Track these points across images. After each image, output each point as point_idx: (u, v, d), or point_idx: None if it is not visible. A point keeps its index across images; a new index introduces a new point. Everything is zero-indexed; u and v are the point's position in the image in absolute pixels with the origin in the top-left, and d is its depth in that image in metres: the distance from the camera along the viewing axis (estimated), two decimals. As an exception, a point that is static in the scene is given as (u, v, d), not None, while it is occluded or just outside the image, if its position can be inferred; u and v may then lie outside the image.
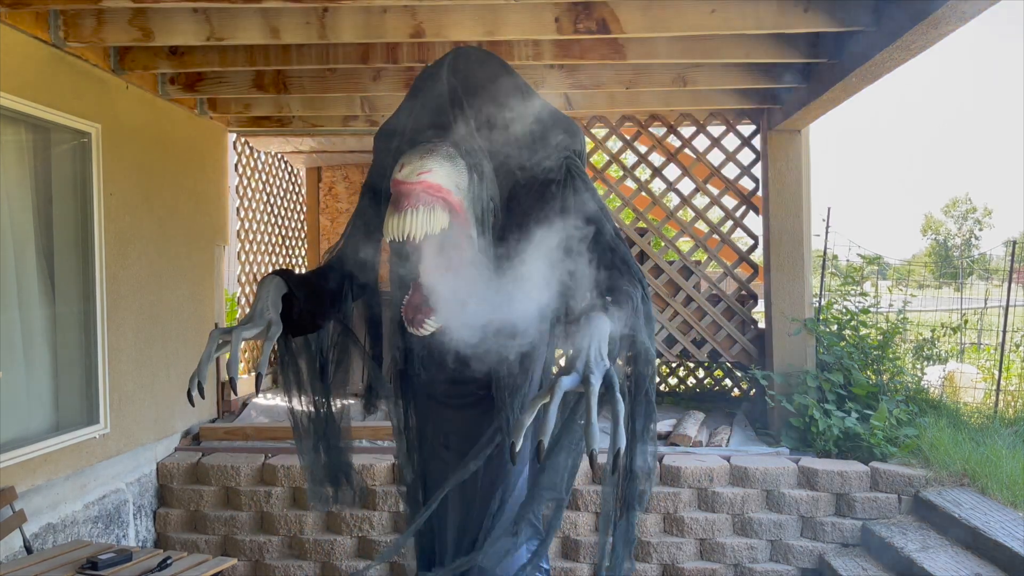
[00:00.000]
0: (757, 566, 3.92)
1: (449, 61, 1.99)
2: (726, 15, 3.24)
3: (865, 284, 5.51)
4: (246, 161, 5.94)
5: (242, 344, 1.73)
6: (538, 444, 1.37)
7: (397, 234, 1.69)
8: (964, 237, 41.90)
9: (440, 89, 1.92)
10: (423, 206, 1.69)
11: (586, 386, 1.41)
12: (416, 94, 2.02)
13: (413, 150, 1.76)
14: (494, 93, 1.96)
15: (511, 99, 1.99)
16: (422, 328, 1.84)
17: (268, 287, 1.84)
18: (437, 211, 1.71)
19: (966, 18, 2.76)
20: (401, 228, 1.68)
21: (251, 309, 1.81)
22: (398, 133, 1.97)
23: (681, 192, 5.25)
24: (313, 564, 4.07)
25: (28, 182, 3.40)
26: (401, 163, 1.72)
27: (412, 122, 1.93)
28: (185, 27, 3.35)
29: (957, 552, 3.45)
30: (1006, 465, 3.92)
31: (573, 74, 4.23)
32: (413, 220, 1.68)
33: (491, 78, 1.99)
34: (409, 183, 1.68)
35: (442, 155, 1.74)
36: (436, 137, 1.80)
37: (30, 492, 3.25)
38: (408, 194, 1.68)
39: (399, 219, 1.68)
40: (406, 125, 1.96)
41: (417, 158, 1.72)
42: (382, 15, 3.30)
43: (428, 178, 1.69)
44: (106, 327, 3.68)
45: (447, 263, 1.83)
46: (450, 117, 1.86)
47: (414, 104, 1.99)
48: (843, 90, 3.76)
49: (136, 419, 3.97)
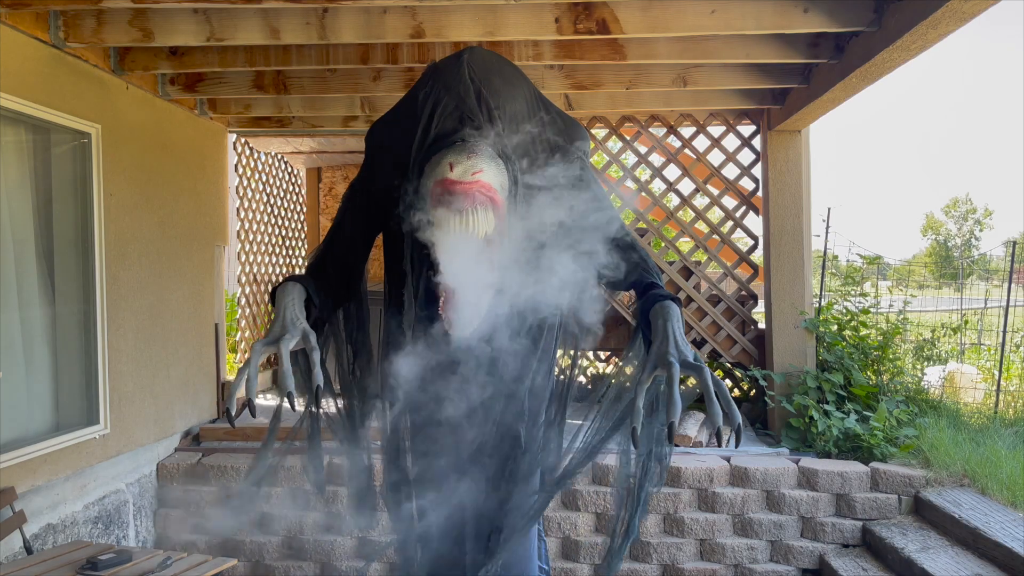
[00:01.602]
0: (757, 566, 3.92)
1: (467, 60, 1.96)
2: (726, 15, 3.24)
3: (865, 284, 5.51)
4: (246, 161, 5.94)
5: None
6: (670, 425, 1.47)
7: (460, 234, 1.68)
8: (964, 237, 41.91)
9: (465, 89, 1.89)
10: (480, 206, 1.69)
11: (698, 371, 1.51)
12: (426, 93, 1.96)
13: (456, 149, 1.73)
14: (514, 94, 1.97)
15: (528, 100, 2.01)
16: (458, 330, 1.82)
17: (292, 294, 1.77)
18: (489, 212, 1.71)
19: (966, 18, 2.76)
20: (464, 228, 1.67)
21: (279, 318, 1.73)
22: (411, 132, 1.91)
23: (681, 192, 5.25)
24: (313, 564, 4.07)
25: (28, 182, 3.40)
26: (449, 162, 1.70)
27: (436, 122, 1.88)
28: (185, 27, 3.35)
29: (957, 552, 3.45)
30: (1006, 465, 3.92)
31: (573, 74, 4.23)
32: (474, 220, 1.68)
33: (509, 79, 2.00)
34: (465, 183, 1.67)
35: (487, 155, 1.73)
36: (471, 137, 1.77)
37: (30, 492, 3.25)
38: (466, 194, 1.67)
39: (461, 219, 1.67)
40: (428, 124, 1.90)
41: (465, 157, 1.70)
42: (382, 15, 3.30)
43: (481, 178, 1.69)
44: (106, 327, 3.68)
45: (489, 264, 1.82)
46: (480, 118, 1.85)
47: (430, 103, 1.93)
48: (843, 90, 3.76)
49: (136, 419, 3.97)
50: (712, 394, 1.49)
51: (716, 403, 1.47)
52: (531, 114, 2.00)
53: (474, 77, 1.92)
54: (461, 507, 1.97)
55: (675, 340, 1.60)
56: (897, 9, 3.00)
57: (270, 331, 1.70)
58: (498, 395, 1.96)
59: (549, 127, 2.02)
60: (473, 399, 1.94)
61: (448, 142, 1.78)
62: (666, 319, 1.65)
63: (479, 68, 1.96)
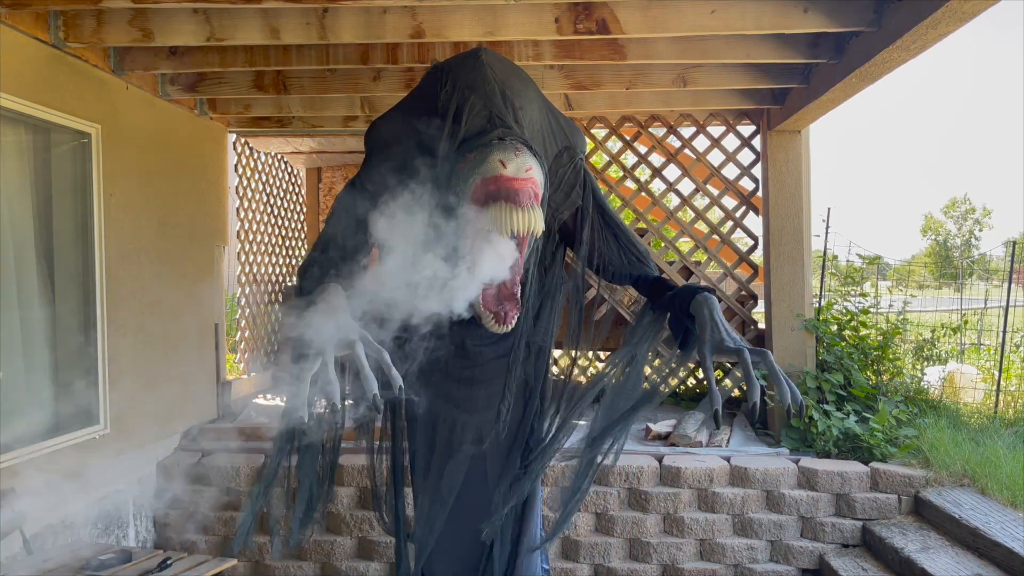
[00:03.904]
0: (757, 566, 3.92)
1: (485, 62, 1.98)
2: (726, 15, 3.24)
3: (865, 284, 5.51)
4: (246, 161, 5.94)
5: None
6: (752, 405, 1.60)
7: (522, 229, 1.72)
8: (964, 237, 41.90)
9: (491, 89, 1.92)
10: (536, 202, 1.74)
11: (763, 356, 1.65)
12: (448, 93, 1.95)
13: (503, 148, 1.75)
14: (530, 95, 2.01)
15: (540, 102, 2.04)
16: (507, 323, 1.87)
17: (338, 298, 1.69)
18: (539, 208, 1.77)
19: (966, 18, 2.76)
20: (526, 223, 1.71)
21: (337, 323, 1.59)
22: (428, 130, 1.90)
23: (681, 193, 5.25)
24: (313, 564, 4.07)
25: (28, 183, 3.39)
26: (499, 159, 1.72)
27: (466, 120, 1.88)
28: (185, 27, 3.35)
29: (957, 552, 3.45)
30: (1006, 465, 3.92)
31: (573, 74, 4.23)
32: (534, 215, 1.73)
33: (524, 81, 2.04)
34: (521, 179, 1.71)
35: (531, 154, 1.77)
36: (507, 136, 1.80)
37: (30, 492, 3.24)
38: (523, 190, 1.71)
39: (522, 214, 1.71)
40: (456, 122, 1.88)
41: (514, 155, 1.73)
42: (382, 15, 3.30)
43: (533, 175, 1.74)
44: (106, 327, 3.67)
45: (529, 260, 1.89)
46: (508, 118, 1.87)
47: (454, 101, 1.93)
48: (843, 90, 3.76)
49: (136, 419, 3.97)
50: (780, 376, 1.64)
51: (784, 382, 1.62)
52: (541, 115, 2.03)
53: (496, 78, 1.94)
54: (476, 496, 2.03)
55: (727, 329, 1.70)
56: (897, 9, 3.01)
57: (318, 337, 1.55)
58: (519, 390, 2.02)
59: (556, 127, 2.06)
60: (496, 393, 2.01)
61: (484, 141, 1.79)
62: (711, 309, 1.74)
63: (498, 69, 1.98)
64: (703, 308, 1.73)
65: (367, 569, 4.03)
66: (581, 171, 2.03)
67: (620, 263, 2.01)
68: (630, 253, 2.01)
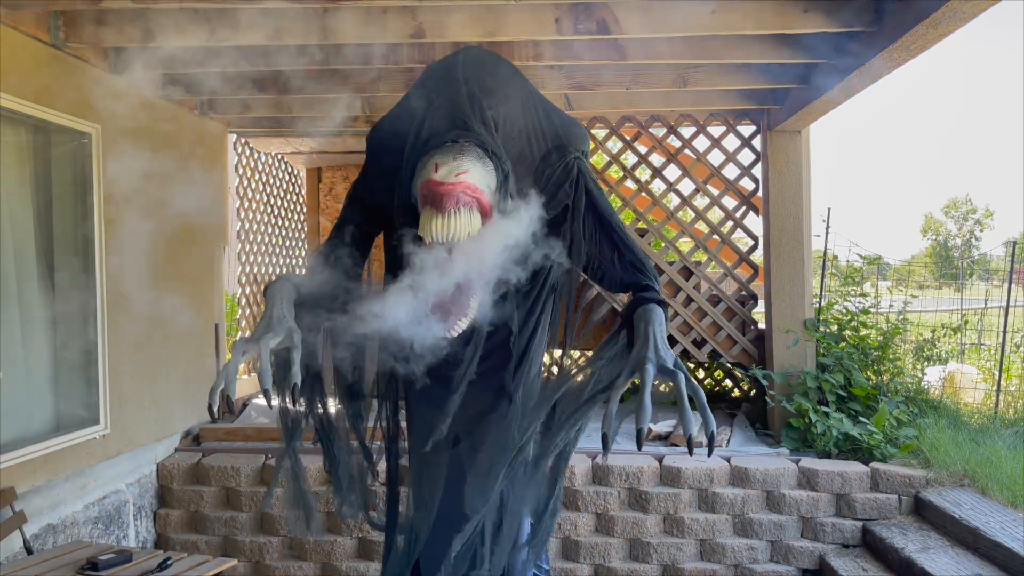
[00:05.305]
0: (757, 567, 3.92)
1: (461, 61, 1.96)
2: (726, 16, 3.24)
3: (865, 285, 5.51)
4: (246, 162, 5.94)
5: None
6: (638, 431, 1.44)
7: (441, 235, 1.66)
8: (964, 238, 41.92)
9: (456, 89, 1.89)
10: (464, 207, 1.67)
11: (674, 376, 1.53)
12: (421, 94, 1.97)
13: (444, 150, 1.72)
14: (508, 94, 1.96)
15: (524, 100, 2.00)
16: (453, 330, 1.80)
17: (282, 292, 1.77)
18: (475, 212, 1.70)
19: (966, 18, 2.76)
20: (446, 229, 1.66)
21: (266, 316, 1.73)
22: (407, 134, 1.91)
23: (681, 193, 5.25)
24: (313, 565, 4.07)
25: (28, 183, 3.39)
26: (435, 163, 1.68)
27: (428, 123, 1.88)
28: (185, 27, 3.34)
29: (957, 553, 3.45)
30: (1006, 466, 3.92)
31: (573, 74, 4.23)
32: (457, 221, 1.66)
33: (504, 79, 1.99)
34: (449, 183, 1.65)
35: (474, 156, 1.72)
36: (461, 138, 1.76)
37: (30, 493, 3.25)
38: (449, 194, 1.65)
39: (443, 220, 1.65)
40: (420, 125, 1.89)
41: (451, 158, 1.68)
42: (382, 15, 3.30)
43: (466, 179, 1.67)
44: (106, 327, 3.67)
45: (477, 264, 1.81)
46: (471, 118, 1.83)
47: (423, 104, 1.94)
48: (843, 90, 3.76)
49: (136, 419, 3.97)
50: (685, 401, 1.49)
51: (688, 410, 1.48)
52: (526, 113, 2.00)
53: (467, 77, 1.92)
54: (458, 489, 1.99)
55: (655, 344, 1.61)
56: (897, 9, 3.00)
57: (255, 329, 1.70)
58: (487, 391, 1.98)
59: (546, 126, 2.02)
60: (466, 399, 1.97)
61: (437, 142, 1.77)
62: (648, 322, 1.66)
63: (473, 68, 1.96)
64: (640, 322, 1.67)
65: (367, 569, 4.03)
66: (572, 169, 1.98)
67: (613, 269, 1.93)
68: (624, 260, 1.92)
